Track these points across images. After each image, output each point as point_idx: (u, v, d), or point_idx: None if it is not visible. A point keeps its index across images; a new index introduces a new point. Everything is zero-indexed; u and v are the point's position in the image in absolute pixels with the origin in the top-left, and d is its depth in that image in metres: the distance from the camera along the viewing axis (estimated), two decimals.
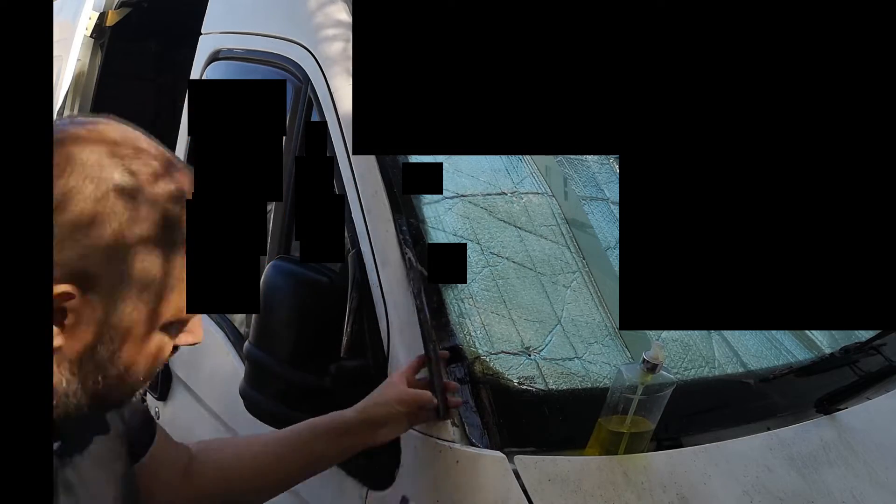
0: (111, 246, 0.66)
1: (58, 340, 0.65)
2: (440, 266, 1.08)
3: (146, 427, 0.93)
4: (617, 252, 1.33)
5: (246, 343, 1.20)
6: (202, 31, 1.97)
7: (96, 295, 0.66)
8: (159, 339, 0.72)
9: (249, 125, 0.82)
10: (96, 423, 0.81)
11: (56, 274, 0.63)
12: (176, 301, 0.71)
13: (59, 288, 0.63)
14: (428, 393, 1.05)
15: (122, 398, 0.74)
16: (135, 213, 0.67)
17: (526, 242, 1.35)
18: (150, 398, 1.96)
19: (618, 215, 1.32)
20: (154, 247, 0.69)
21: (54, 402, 0.68)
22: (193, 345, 0.76)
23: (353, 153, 1.29)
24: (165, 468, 0.95)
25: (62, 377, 0.67)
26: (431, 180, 1.07)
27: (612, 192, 1.53)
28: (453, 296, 1.20)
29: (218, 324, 1.65)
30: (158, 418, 1.92)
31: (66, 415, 0.69)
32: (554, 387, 1.16)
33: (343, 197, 1.29)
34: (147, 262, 0.68)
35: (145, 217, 0.68)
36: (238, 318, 1.64)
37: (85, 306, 0.66)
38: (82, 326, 0.66)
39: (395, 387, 1.06)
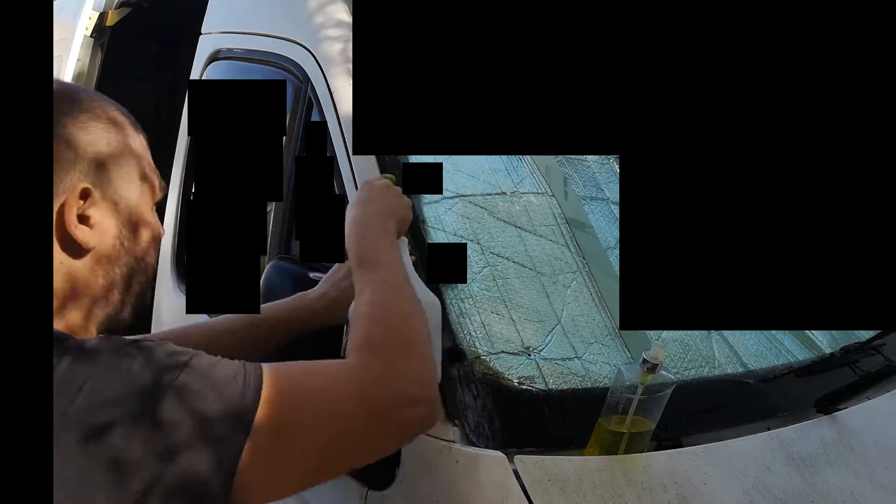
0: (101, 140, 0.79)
1: (92, 240, 0.77)
2: (440, 266, 1.08)
3: None
4: (617, 252, 1.33)
5: None
6: (202, 31, 1.97)
7: (103, 188, 0.79)
8: (154, 222, 0.85)
9: (249, 125, 0.82)
10: None
11: (73, 178, 0.76)
12: (158, 185, 0.86)
13: (80, 186, 0.76)
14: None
15: (145, 286, 0.85)
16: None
17: (526, 242, 1.35)
18: None
19: (618, 215, 1.32)
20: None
21: (101, 307, 0.80)
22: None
23: (353, 153, 1.29)
24: None
25: (99, 276, 0.79)
26: (431, 180, 1.07)
27: (612, 192, 1.53)
28: (453, 296, 1.20)
29: None
30: None
31: (120, 314, 0.82)
32: (554, 387, 1.16)
33: (343, 197, 1.29)
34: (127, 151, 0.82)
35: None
36: None
37: (101, 200, 0.78)
38: (105, 220, 0.79)
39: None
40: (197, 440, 0.69)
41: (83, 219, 0.77)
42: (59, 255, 0.76)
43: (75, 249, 0.77)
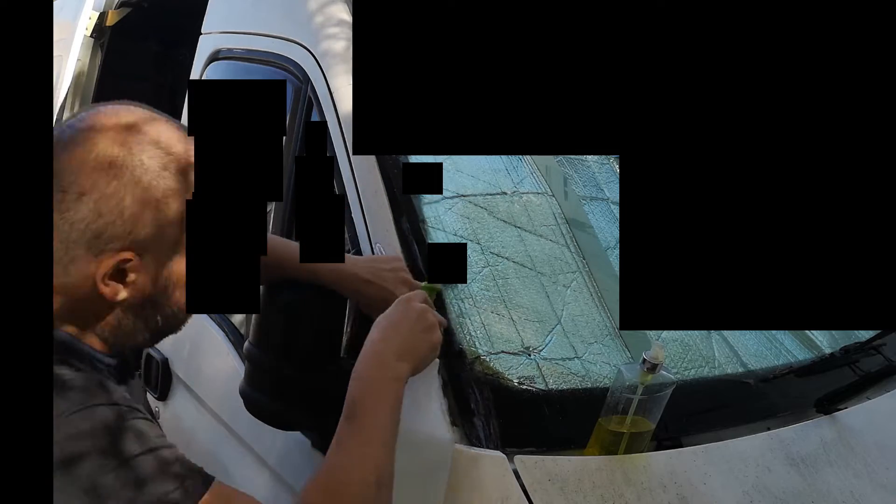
0: (159, 216, 0.80)
1: (122, 294, 0.81)
2: (440, 266, 1.08)
3: None
4: (617, 252, 1.33)
5: (246, 343, 1.20)
6: (202, 31, 1.97)
7: (150, 255, 0.81)
8: None
9: (249, 125, 0.82)
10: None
11: (117, 245, 0.78)
12: None
13: (121, 255, 0.78)
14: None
15: (175, 330, 0.91)
16: (170, 188, 0.81)
17: (526, 242, 1.35)
18: (149, 397, 1.96)
19: (618, 215, 1.32)
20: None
21: (123, 341, 0.85)
22: None
23: (353, 153, 1.29)
24: None
25: (129, 322, 0.84)
26: (431, 180, 1.07)
27: (612, 192, 1.53)
28: (453, 296, 1.20)
29: (218, 324, 1.65)
30: (158, 418, 1.92)
31: (135, 347, 0.89)
32: (554, 387, 1.16)
33: (343, 197, 1.29)
34: (180, 224, 0.82)
35: (175, 190, 0.82)
36: (238, 318, 1.64)
37: (142, 266, 0.81)
38: (141, 281, 0.81)
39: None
40: None
41: (119, 273, 0.80)
42: (80, 293, 0.79)
43: (101, 301, 0.81)
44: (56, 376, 0.75)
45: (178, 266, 0.84)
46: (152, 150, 0.80)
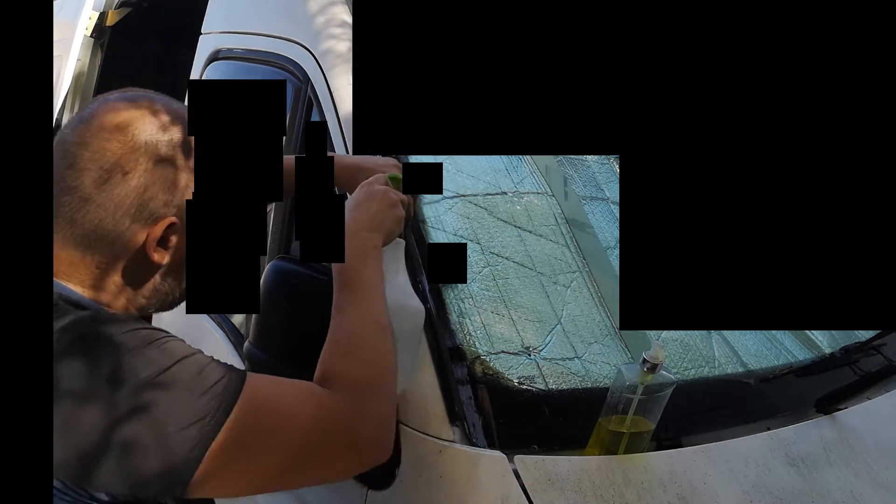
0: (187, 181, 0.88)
1: (165, 259, 0.89)
2: (440, 266, 1.08)
3: None
4: (617, 252, 1.33)
5: (246, 343, 1.20)
6: (202, 31, 1.97)
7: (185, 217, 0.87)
8: None
9: (249, 125, 0.82)
10: None
11: (162, 212, 0.86)
12: None
13: (168, 220, 0.87)
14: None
15: None
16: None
17: (526, 242, 1.35)
18: None
19: (618, 215, 1.32)
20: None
21: (156, 301, 0.93)
22: None
23: (353, 153, 1.29)
24: None
25: (166, 284, 0.92)
26: (431, 180, 1.07)
27: (612, 192, 1.53)
28: (453, 296, 1.20)
29: (218, 324, 1.65)
30: None
31: (166, 307, 0.96)
32: (554, 387, 1.16)
33: (343, 197, 1.29)
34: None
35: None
36: (238, 318, 1.64)
37: (182, 228, 0.87)
38: (180, 243, 0.88)
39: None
40: (175, 426, 0.77)
41: (163, 240, 0.87)
42: (127, 264, 0.87)
43: (148, 266, 0.88)
44: (95, 317, 0.81)
45: None
46: (173, 128, 0.88)
